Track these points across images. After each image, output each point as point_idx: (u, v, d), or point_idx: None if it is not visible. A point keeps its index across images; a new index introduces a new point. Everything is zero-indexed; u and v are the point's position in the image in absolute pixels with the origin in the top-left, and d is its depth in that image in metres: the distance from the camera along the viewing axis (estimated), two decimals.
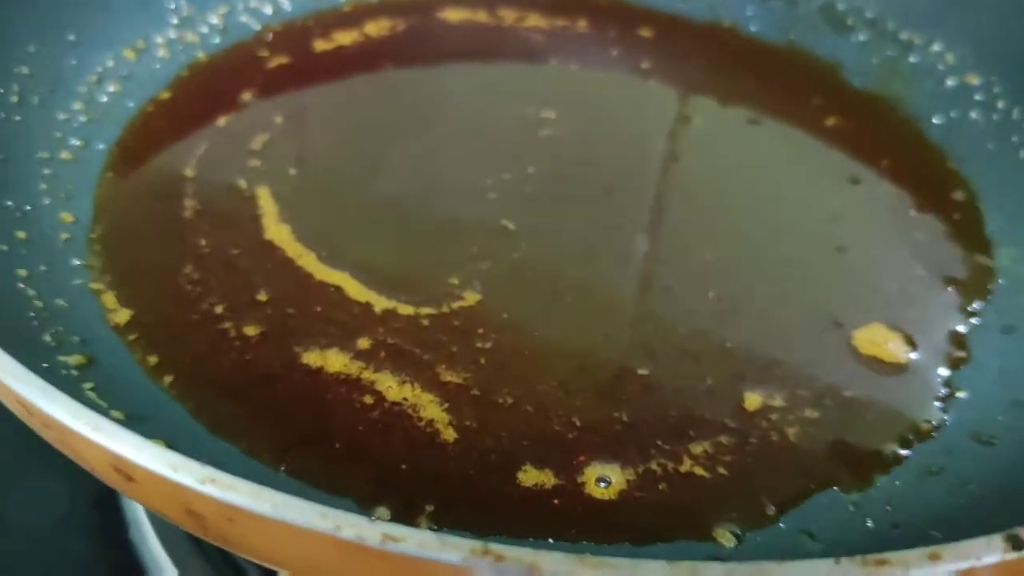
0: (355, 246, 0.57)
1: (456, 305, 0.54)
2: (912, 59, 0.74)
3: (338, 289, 0.54)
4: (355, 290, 0.54)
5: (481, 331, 0.52)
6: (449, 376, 0.49)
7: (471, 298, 0.54)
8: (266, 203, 0.60)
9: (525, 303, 0.54)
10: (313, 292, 0.54)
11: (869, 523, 0.45)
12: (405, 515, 0.44)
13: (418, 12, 0.78)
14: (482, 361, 0.50)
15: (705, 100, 0.72)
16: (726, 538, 0.43)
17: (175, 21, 0.74)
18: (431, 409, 0.48)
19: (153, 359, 0.51)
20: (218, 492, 0.31)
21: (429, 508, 0.44)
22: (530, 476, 0.46)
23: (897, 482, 0.47)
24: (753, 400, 0.49)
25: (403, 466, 0.46)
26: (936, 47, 0.74)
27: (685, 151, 0.66)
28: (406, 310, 0.53)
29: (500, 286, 0.55)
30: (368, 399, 0.48)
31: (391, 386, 0.49)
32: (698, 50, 0.78)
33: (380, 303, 0.54)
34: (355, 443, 0.47)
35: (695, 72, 0.75)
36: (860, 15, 0.79)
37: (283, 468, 0.46)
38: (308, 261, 0.56)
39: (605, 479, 0.45)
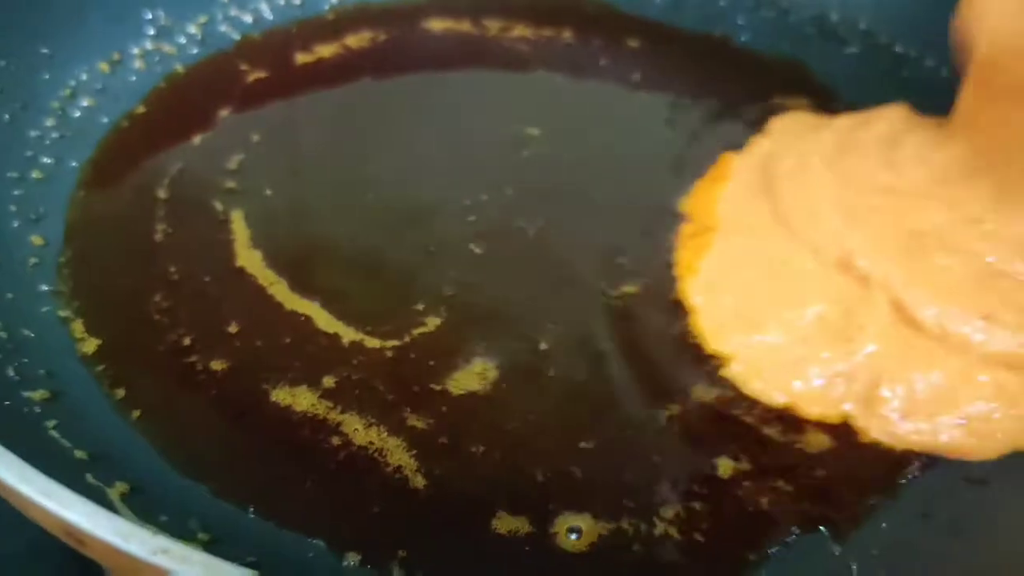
0: (326, 272, 0.56)
1: (417, 332, 0.53)
2: (905, 73, 0.73)
3: (307, 319, 0.53)
4: (324, 320, 0.53)
5: (444, 369, 0.51)
6: (415, 421, 0.48)
7: (432, 323, 0.53)
8: (239, 227, 0.58)
9: (488, 335, 0.53)
10: (283, 322, 0.53)
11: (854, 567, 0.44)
12: (377, 561, 0.43)
13: (402, 22, 0.77)
14: (444, 409, 0.49)
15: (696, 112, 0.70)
16: None
17: (152, 32, 0.72)
18: (398, 454, 0.46)
19: (120, 392, 0.50)
20: (168, 563, 0.30)
21: (401, 554, 0.43)
22: (505, 523, 0.44)
23: (884, 524, 0.46)
24: (726, 467, 0.47)
25: (375, 510, 0.45)
26: (930, 62, 0.73)
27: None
28: (372, 342, 0.52)
29: (463, 315, 0.54)
30: (336, 440, 0.47)
31: (358, 428, 0.47)
32: (688, 60, 0.76)
33: (348, 334, 0.52)
34: (325, 486, 0.45)
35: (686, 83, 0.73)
36: (853, 27, 0.78)
37: (252, 510, 0.45)
38: (279, 289, 0.54)
39: (576, 530, 0.44)
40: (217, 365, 0.50)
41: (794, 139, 0.64)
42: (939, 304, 0.51)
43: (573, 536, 0.44)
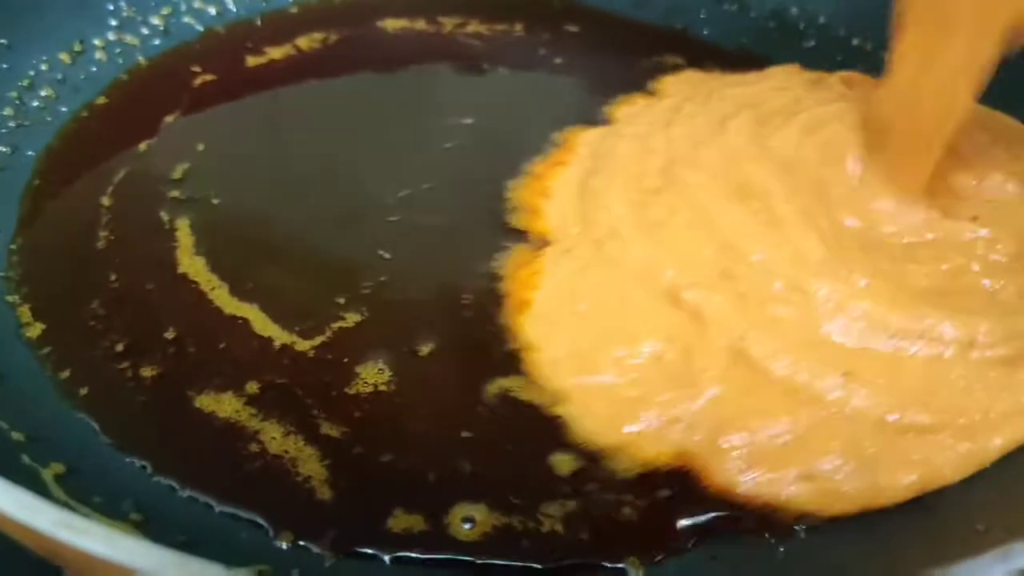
0: (265, 275, 0.55)
1: (337, 327, 0.53)
2: (862, 67, 0.73)
3: (245, 322, 0.53)
4: (260, 323, 0.53)
5: (353, 370, 0.51)
6: (328, 429, 0.48)
7: (352, 319, 0.53)
8: (183, 234, 0.58)
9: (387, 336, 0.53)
10: (220, 327, 0.53)
11: None
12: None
13: (356, 22, 0.77)
14: (357, 415, 0.49)
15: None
16: None
17: (114, 23, 0.73)
18: (311, 464, 0.47)
19: (65, 374, 0.50)
20: (70, 537, 0.30)
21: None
22: (400, 521, 0.45)
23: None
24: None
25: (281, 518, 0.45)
26: (886, 55, 0.73)
27: None
28: (301, 345, 0.52)
29: (374, 315, 0.54)
30: (254, 447, 0.47)
31: (275, 436, 0.47)
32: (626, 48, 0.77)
33: (281, 337, 0.52)
34: (238, 493, 0.45)
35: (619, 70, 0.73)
36: (812, 21, 0.78)
37: (187, 492, 0.46)
38: (219, 294, 0.54)
39: (470, 519, 0.44)
40: (147, 372, 0.50)
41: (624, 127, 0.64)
42: (789, 356, 0.48)
43: (467, 526, 0.44)
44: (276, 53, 0.73)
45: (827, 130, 0.58)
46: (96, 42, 0.72)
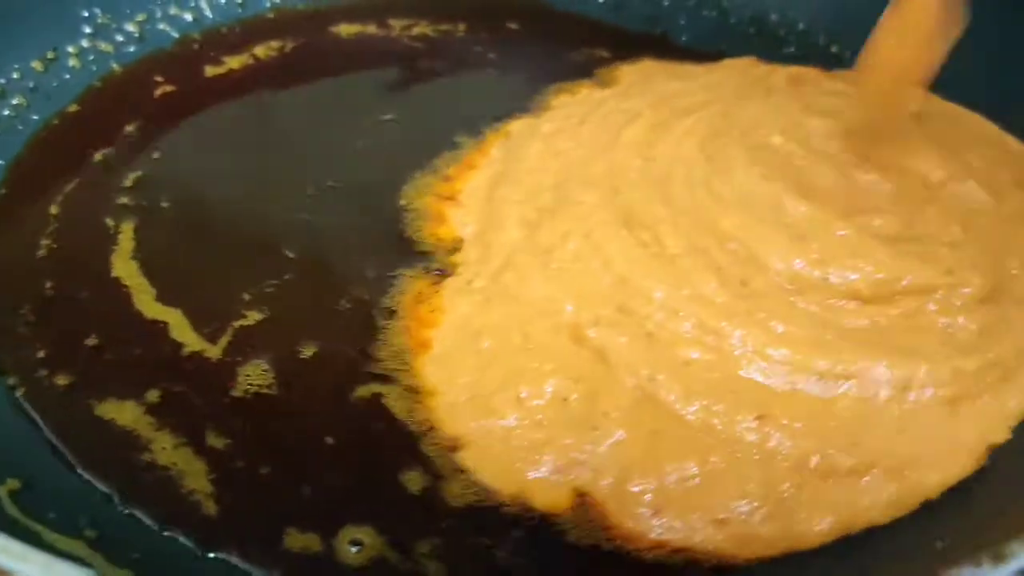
0: (189, 277, 0.56)
1: (239, 324, 0.53)
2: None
3: (164, 327, 0.53)
4: (177, 327, 0.53)
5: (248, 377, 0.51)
6: (214, 440, 0.48)
7: (252, 317, 0.54)
8: (125, 238, 0.58)
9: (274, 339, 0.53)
10: (141, 332, 0.53)
11: None
12: None
13: (314, 29, 0.77)
14: (239, 422, 0.49)
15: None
16: None
17: (88, 30, 0.73)
18: (197, 479, 0.47)
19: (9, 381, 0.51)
20: None
21: None
22: (296, 540, 0.45)
23: None
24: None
25: (165, 533, 0.45)
26: None
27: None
28: (210, 351, 0.52)
29: (268, 318, 0.54)
30: (146, 457, 0.48)
31: (165, 447, 0.48)
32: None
33: (191, 342, 0.52)
34: (130, 502, 0.46)
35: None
36: (792, 28, 0.77)
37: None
38: (145, 299, 0.55)
39: (358, 542, 0.44)
40: (62, 380, 0.51)
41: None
42: (702, 398, 0.46)
43: (354, 549, 0.44)
44: (234, 63, 0.73)
45: (720, 141, 0.58)
46: (70, 49, 0.72)
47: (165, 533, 0.44)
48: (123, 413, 0.49)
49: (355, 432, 0.49)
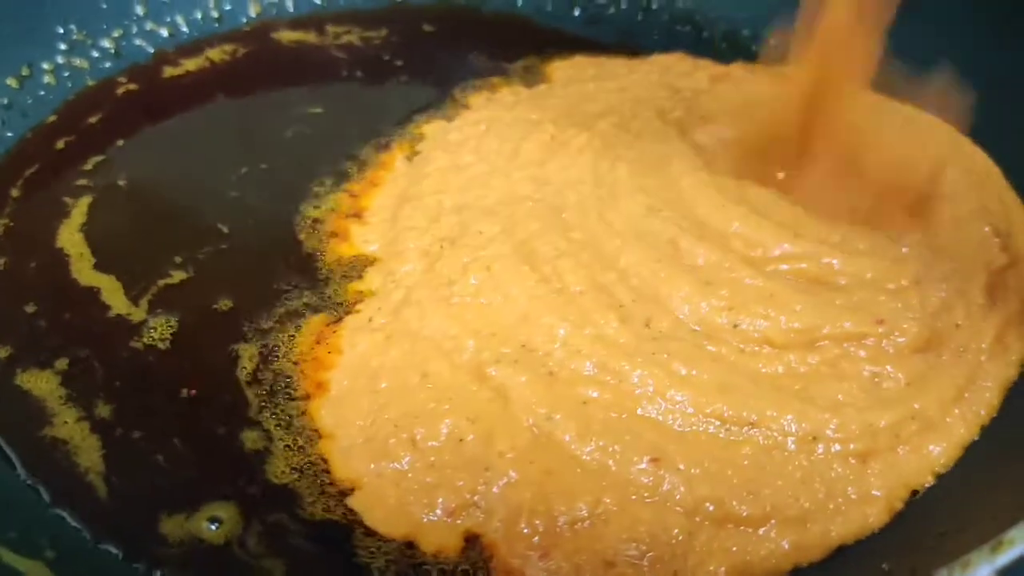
0: (127, 244, 0.60)
1: (163, 282, 0.57)
2: None
3: (97, 292, 0.56)
4: (109, 292, 0.56)
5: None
6: (104, 411, 0.50)
7: (178, 276, 0.58)
8: (79, 212, 0.62)
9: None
10: (74, 299, 0.56)
11: None
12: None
13: (262, 36, 0.79)
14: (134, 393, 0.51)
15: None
16: None
17: (63, 47, 0.74)
18: (90, 455, 0.48)
19: None
20: None
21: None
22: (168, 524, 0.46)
23: None
24: None
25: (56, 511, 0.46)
26: None
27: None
28: (135, 315, 0.55)
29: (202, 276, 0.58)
30: (47, 432, 0.49)
31: (67, 421, 0.50)
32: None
33: (118, 305, 0.56)
34: (31, 478, 0.47)
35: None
36: (764, 42, 0.75)
37: None
38: (83, 266, 0.58)
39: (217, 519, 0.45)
40: (3, 352, 0.54)
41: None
42: (598, 438, 0.46)
43: (213, 526, 0.45)
44: (190, 65, 0.76)
45: (611, 157, 0.57)
46: (45, 66, 0.73)
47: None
48: (39, 383, 0.51)
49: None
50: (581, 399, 0.47)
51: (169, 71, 0.76)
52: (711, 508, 0.43)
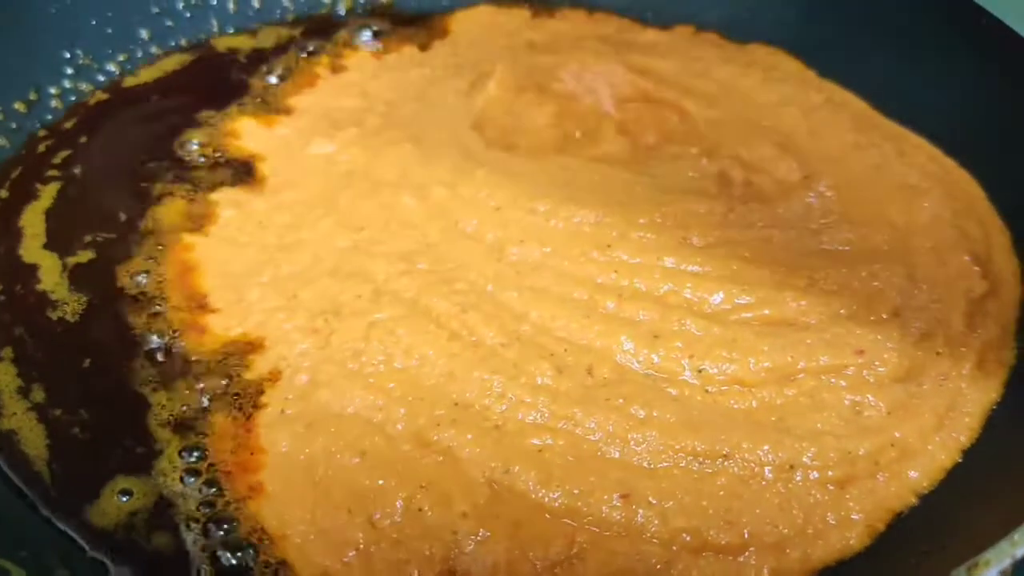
0: (73, 226, 0.65)
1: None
2: None
3: (36, 269, 0.62)
4: (48, 269, 0.61)
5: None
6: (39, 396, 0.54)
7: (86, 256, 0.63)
8: (46, 196, 0.67)
9: None
10: (16, 274, 0.61)
11: None
12: None
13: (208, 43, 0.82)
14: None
15: None
16: None
17: (70, 71, 0.76)
18: (36, 443, 0.51)
19: None
20: None
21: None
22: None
23: None
24: None
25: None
26: None
27: None
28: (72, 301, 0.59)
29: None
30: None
31: (16, 412, 0.53)
32: None
33: (59, 292, 0.60)
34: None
35: None
36: None
37: None
38: (33, 244, 0.63)
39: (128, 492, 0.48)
40: None
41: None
42: (562, 483, 0.46)
43: (124, 499, 0.48)
44: (147, 75, 0.79)
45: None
46: (52, 91, 0.75)
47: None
48: None
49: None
50: (535, 448, 0.47)
51: (131, 80, 0.78)
52: (687, 538, 0.44)
